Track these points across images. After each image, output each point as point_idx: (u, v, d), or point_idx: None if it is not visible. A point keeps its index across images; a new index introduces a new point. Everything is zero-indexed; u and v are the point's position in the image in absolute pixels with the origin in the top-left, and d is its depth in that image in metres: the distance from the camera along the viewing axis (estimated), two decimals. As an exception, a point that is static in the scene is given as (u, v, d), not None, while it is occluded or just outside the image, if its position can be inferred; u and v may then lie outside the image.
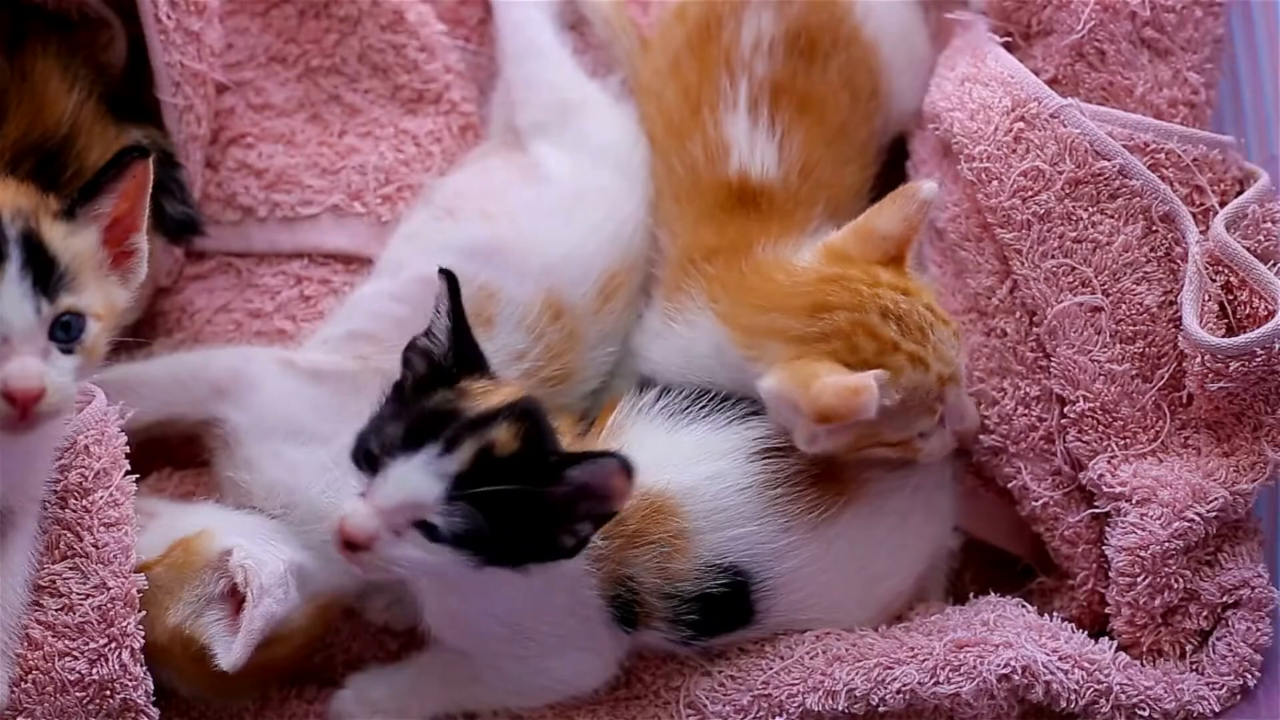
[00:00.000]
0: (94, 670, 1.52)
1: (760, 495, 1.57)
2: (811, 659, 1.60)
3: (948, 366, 1.56)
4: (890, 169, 1.83)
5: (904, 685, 1.56)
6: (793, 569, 1.59)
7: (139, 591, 1.55)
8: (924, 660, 1.58)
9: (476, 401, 1.44)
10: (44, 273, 1.39)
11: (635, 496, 1.48)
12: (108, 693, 1.52)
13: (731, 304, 1.62)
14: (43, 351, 1.39)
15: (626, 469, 1.39)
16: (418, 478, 1.39)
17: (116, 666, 1.52)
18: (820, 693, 1.58)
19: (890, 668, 1.58)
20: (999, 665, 1.57)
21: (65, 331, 1.41)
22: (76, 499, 1.55)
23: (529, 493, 1.39)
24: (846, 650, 1.60)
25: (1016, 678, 1.57)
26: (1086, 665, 1.59)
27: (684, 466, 1.57)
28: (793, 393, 1.50)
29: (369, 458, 1.43)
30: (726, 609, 1.58)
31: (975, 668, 1.57)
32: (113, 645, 1.52)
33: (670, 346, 1.68)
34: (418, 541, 1.40)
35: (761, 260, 1.64)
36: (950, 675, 1.57)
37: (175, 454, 1.77)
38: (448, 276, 1.49)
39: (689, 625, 1.58)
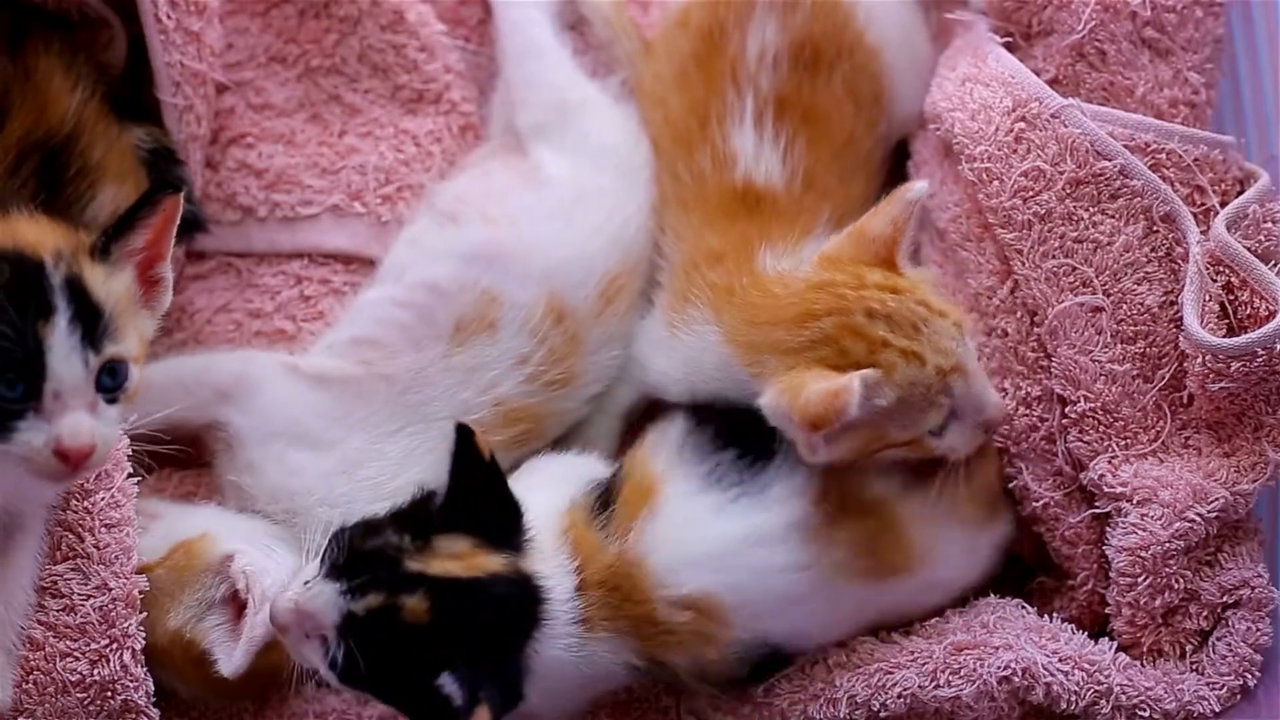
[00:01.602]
0: (95, 671, 1.52)
1: (809, 576, 1.54)
2: (812, 666, 1.60)
3: (947, 358, 1.54)
4: (891, 169, 1.83)
5: (904, 690, 1.57)
6: (830, 631, 1.59)
7: (140, 593, 1.55)
8: (924, 664, 1.58)
9: (430, 562, 1.44)
10: (91, 323, 1.38)
11: (676, 602, 1.51)
12: (108, 693, 1.52)
13: (733, 320, 1.62)
14: (91, 404, 1.38)
15: (491, 717, 1.40)
16: (326, 599, 1.43)
17: (117, 667, 1.52)
18: (821, 700, 1.58)
19: (890, 672, 1.58)
20: (999, 667, 1.57)
21: (111, 379, 1.40)
22: (78, 500, 1.55)
23: (409, 664, 1.42)
24: (847, 657, 1.60)
25: (1017, 679, 1.57)
26: (1087, 666, 1.59)
27: (728, 562, 1.53)
28: (785, 406, 1.50)
29: (327, 555, 1.46)
30: (756, 671, 1.59)
31: (975, 670, 1.57)
32: (114, 646, 1.53)
33: (675, 357, 1.68)
34: (316, 652, 1.44)
35: (761, 274, 1.63)
36: (950, 678, 1.57)
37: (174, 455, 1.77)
38: (460, 432, 1.49)
39: (716, 686, 1.59)
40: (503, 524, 1.50)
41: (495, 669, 1.44)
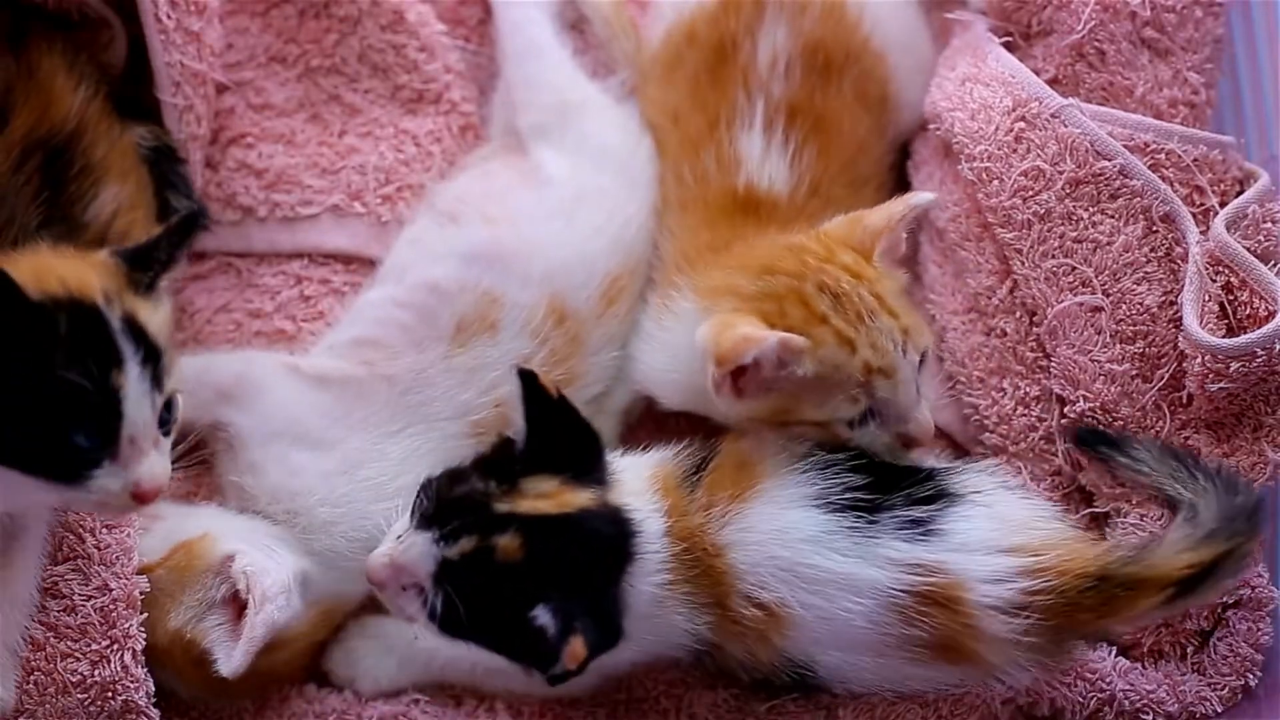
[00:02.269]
0: (96, 672, 1.52)
1: (881, 639, 1.51)
2: (817, 692, 1.60)
3: (879, 357, 1.52)
4: (891, 170, 1.84)
5: None
6: (872, 685, 1.58)
7: (140, 593, 1.55)
8: (926, 695, 1.58)
9: (519, 502, 1.46)
10: (154, 363, 1.38)
11: (751, 600, 1.50)
12: (109, 694, 1.52)
13: (707, 276, 1.62)
14: (156, 442, 1.39)
15: (587, 650, 1.40)
16: (420, 550, 1.45)
17: (118, 668, 1.52)
18: None
19: (894, 704, 1.58)
20: (1002, 690, 1.57)
21: (168, 412, 1.41)
22: (79, 501, 1.55)
23: (504, 603, 1.43)
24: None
25: (1020, 698, 1.57)
26: (1088, 675, 1.59)
27: (815, 590, 1.50)
28: (706, 336, 1.51)
29: (416, 507, 1.47)
30: (789, 686, 1.59)
31: (979, 696, 1.57)
32: (114, 647, 1.53)
33: (656, 346, 1.67)
34: (414, 603, 1.46)
35: (753, 240, 1.64)
36: (954, 708, 1.58)
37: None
38: (524, 377, 1.50)
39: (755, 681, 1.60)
40: (585, 458, 1.52)
41: (591, 603, 1.44)
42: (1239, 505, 1.52)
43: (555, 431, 1.50)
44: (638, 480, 1.54)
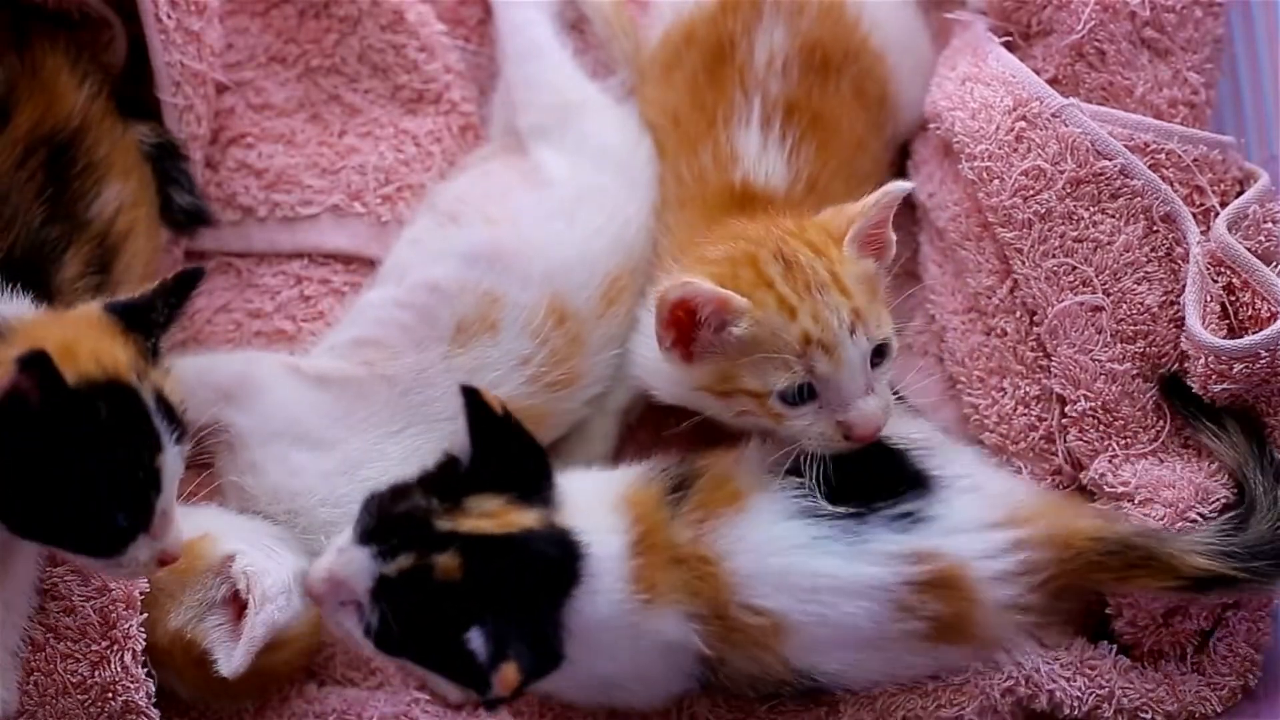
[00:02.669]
0: (96, 673, 1.53)
1: (879, 635, 1.52)
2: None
3: (820, 330, 1.51)
4: (890, 168, 1.84)
5: (908, 713, 1.57)
6: (876, 681, 1.58)
7: (140, 594, 1.55)
8: (927, 685, 1.58)
9: (461, 521, 1.43)
10: (181, 437, 1.40)
11: (751, 608, 1.49)
12: (109, 695, 1.52)
13: (692, 248, 1.63)
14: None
15: (521, 676, 1.37)
16: (358, 565, 1.42)
17: (118, 669, 1.53)
18: None
19: (894, 695, 1.58)
20: (1001, 680, 1.57)
21: None
22: (79, 502, 1.55)
23: (440, 624, 1.40)
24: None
25: (1020, 690, 1.57)
26: (1088, 671, 1.59)
27: (811, 597, 1.50)
28: (659, 293, 1.53)
29: (358, 522, 1.46)
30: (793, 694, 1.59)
31: (978, 686, 1.57)
32: (114, 648, 1.53)
33: (649, 337, 1.65)
34: (351, 618, 1.43)
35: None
36: (954, 697, 1.57)
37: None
38: (467, 394, 1.47)
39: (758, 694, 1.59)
40: (532, 477, 1.49)
41: (529, 626, 1.41)
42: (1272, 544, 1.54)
43: (502, 449, 1.48)
44: (599, 500, 1.53)
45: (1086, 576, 1.54)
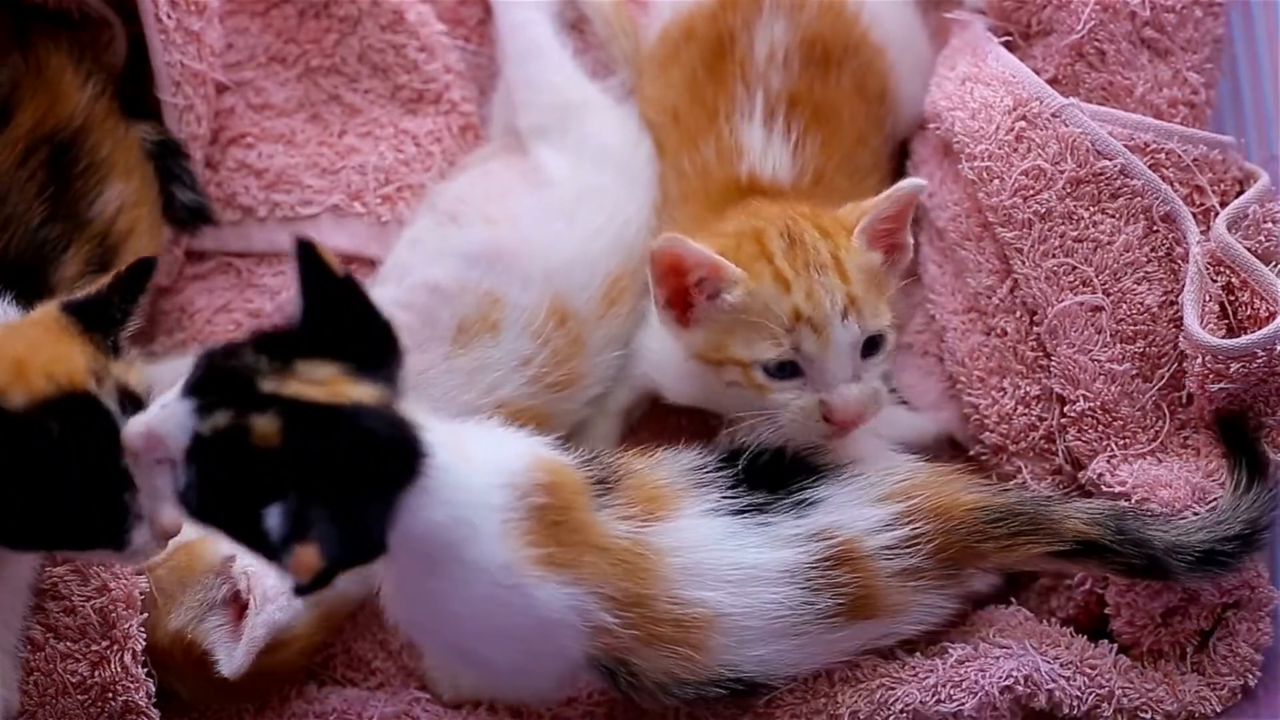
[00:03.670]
0: (96, 673, 1.52)
1: (796, 620, 1.51)
2: (815, 680, 1.59)
3: (812, 307, 1.52)
4: (891, 161, 1.84)
5: (906, 705, 1.55)
6: (796, 668, 1.57)
7: (140, 594, 1.55)
8: (925, 679, 1.56)
9: (287, 383, 1.30)
10: None
11: (669, 601, 1.47)
12: (109, 695, 1.52)
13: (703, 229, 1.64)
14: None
15: (325, 561, 1.24)
16: (177, 420, 1.30)
17: (118, 669, 1.52)
18: (824, 716, 1.57)
19: (892, 688, 1.57)
20: (1001, 677, 1.56)
21: None
22: (79, 502, 1.55)
23: (246, 493, 1.27)
24: (850, 672, 1.58)
25: (1019, 688, 1.56)
26: (1088, 670, 1.59)
27: (734, 589, 1.50)
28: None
29: (188, 376, 1.33)
30: (720, 697, 1.57)
31: (977, 682, 1.56)
32: (114, 648, 1.53)
33: (656, 333, 1.68)
34: (165, 477, 1.32)
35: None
36: (952, 692, 1.56)
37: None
38: (300, 246, 1.36)
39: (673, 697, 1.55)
40: (373, 352, 1.35)
41: (346, 508, 1.26)
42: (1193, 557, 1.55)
43: (338, 315, 1.35)
44: (502, 444, 1.45)
45: (975, 546, 1.55)
